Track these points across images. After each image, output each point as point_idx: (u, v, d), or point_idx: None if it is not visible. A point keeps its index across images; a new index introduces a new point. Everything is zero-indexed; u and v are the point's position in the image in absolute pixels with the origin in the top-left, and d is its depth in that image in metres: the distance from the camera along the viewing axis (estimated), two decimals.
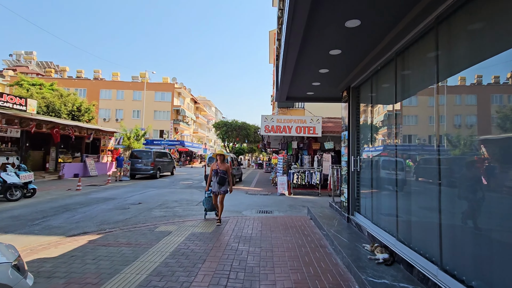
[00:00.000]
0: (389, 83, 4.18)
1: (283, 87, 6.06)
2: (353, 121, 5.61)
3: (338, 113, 14.75)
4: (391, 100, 4.03)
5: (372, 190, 4.75)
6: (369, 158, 5.08)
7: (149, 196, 10.43)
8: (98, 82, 40.54)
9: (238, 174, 16.41)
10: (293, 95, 7.13)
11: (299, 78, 5.70)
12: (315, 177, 11.79)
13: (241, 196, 11.27)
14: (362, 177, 5.36)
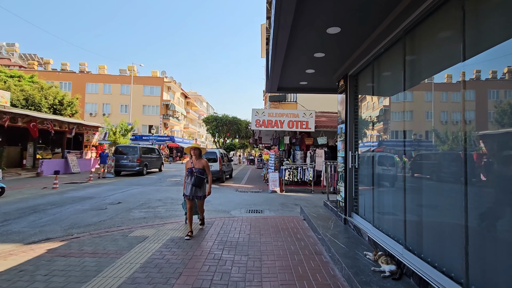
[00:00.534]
0: (394, 68, 3.64)
1: (274, 75, 5.47)
2: (350, 113, 5.07)
3: (332, 107, 14.32)
4: (398, 88, 3.49)
5: (373, 189, 4.24)
6: (369, 153, 4.56)
7: (131, 194, 9.74)
8: (83, 76, 39.04)
9: (228, 171, 15.82)
10: (285, 85, 6.55)
11: (291, 64, 5.12)
12: (308, 174, 11.30)
13: (230, 194, 10.70)
14: (361, 175, 4.85)
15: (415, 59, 3.16)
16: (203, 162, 4.96)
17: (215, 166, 13.45)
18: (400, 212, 3.35)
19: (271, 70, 5.21)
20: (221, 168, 13.47)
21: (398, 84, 3.49)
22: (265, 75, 5.78)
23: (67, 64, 40.93)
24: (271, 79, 5.74)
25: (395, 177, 3.66)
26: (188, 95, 52.21)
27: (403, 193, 3.30)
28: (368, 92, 4.67)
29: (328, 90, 6.58)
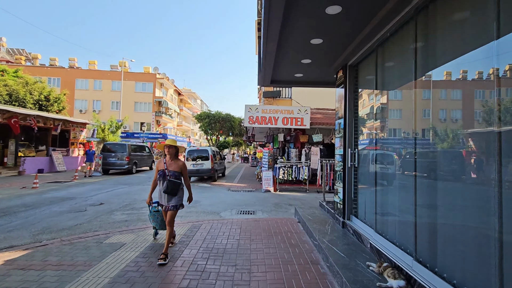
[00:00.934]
0: (403, 54, 3.21)
1: (266, 64, 5.00)
2: (350, 106, 4.64)
3: (328, 103, 13.90)
4: (408, 77, 3.06)
5: (375, 190, 3.82)
6: (371, 151, 4.14)
7: (116, 194, 9.20)
8: (73, 71, 37.95)
9: (221, 169, 15.33)
10: (279, 78, 6.08)
11: (285, 53, 4.65)
12: (303, 172, 10.89)
13: (222, 193, 10.23)
14: (361, 174, 4.43)
15: (428, 43, 2.72)
16: (180, 164, 3.85)
17: (207, 164, 12.95)
18: (409, 217, 2.93)
19: (263, 58, 4.74)
20: (213, 166, 12.98)
21: (406, 74, 3.06)
22: (257, 67, 5.31)
23: (56, 59, 39.74)
24: (263, 69, 5.26)
25: (403, 177, 3.24)
26: (182, 92, 51.35)
27: (413, 194, 2.88)
28: (369, 84, 4.24)
29: (325, 84, 6.14)
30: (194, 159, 13.04)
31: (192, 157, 13.09)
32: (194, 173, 12.92)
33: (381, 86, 3.84)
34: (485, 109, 2.10)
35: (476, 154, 2.23)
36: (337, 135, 5.03)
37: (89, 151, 15.04)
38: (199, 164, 12.93)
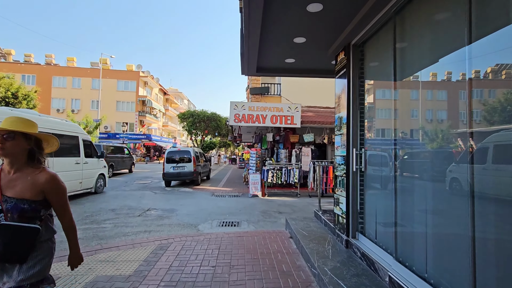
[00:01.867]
0: (432, 24, 2.29)
1: (250, 44, 4.01)
2: (354, 96, 3.72)
3: (319, 100, 13.08)
4: (438, 54, 2.14)
5: (395, 201, 2.89)
6: (386, 151, 3.22)
7: (79, 202, 7.98)
8: (50, 68, 35.81)
9: (205, 172, 14.22)
10: (266, 65, 5.11)
11: (274, 28, 3.68)
12: (294, 175, 9.96)
13: (204, 199, 9.16)
14: (371, 180, 3.51)
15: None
16: (40, 181, 1.53)
17: (189, 167, 11.84)
18: (461, 245, 2.01)
19: (246, 36, 3.75)
20: (195, 169, 11.87)
21: (439, 49, 2.14)
22: (240, 49, 4.32)
23: (31, 56, 37.41)
24: (247, 52, 4.27)
25: (440, 187, 2.32)
26: (168, 91, 49.72)
27: (468, 211, 1.95)
28: (382, 66, 3.33)
29: (321, 73, 5.21)
30: (175, 161, 11.89)
31: (173, 159, 11.94)
32: (175, 176, 11.78)
33: (401, 71, 2.91)
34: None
35: None
36: (338, 132, 4.09)
37: None
38: (180, 167, 11.80)
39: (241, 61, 4.75)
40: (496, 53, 1.79)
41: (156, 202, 8.49)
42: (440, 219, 2.29)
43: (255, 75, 5.44)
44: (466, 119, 2.01)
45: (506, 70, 1.76)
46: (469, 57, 1.95)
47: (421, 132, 2.59)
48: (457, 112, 2.20)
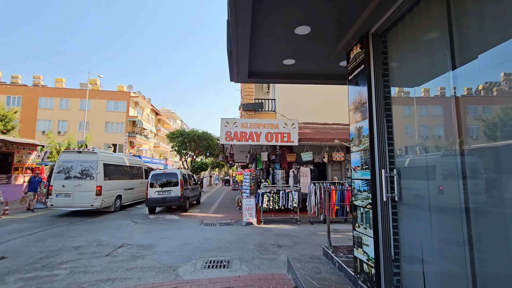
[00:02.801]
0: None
1: (240, 38, 3.11)
2: (378, 99, 2.80)
3: (318, 116, 12.18)
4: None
5: (470, 248, 1.87)
6: (430, 170, 2.25)
7: (39, 239, 6.68)
8: (36, 89, 34.81)
9: (194, 196, 12.97)
10: (260, 69, 4.22)
11: (270, 13, 2.81)
12: (292, 199, 8.87)
13: (191, 229, 7.93)
14: (410, 212, 2.50)
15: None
16: None
17: (176, 191, 10.64)
18: None
19: (233, 23, 2.85)
20: (183, 193, 10.67)
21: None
22: (227, 47, 3.43)
23: (18, 77, 36.45)
24: (236, 50, 3.37)
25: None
26: (160, 112, 48.92)
27: None
28: (418, 59, 2.44)
29: (327, 77, 4.32)
30: (160, 185, 10.70)
31: (158, 183, 10.76)
32: (159, 202, 10.53)
33: (460, 54, 2.01)
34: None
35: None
36: (355, 148, 3.13)
37: (34, 178, 12.23)
38: (165, 191, 10.59)
39: (229, 62, 3.84)
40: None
41: (134, 234, 7.25)
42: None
43: (246, 82, 4.54)
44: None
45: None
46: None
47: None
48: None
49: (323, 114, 12.05)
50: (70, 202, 10.02)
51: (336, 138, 10.47)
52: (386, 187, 2.62)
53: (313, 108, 12.08)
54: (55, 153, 17.30)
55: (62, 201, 10.07)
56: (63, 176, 10.26)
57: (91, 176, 10.25)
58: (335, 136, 10.73)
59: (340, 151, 10.86)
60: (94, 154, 10.73)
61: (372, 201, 2.74)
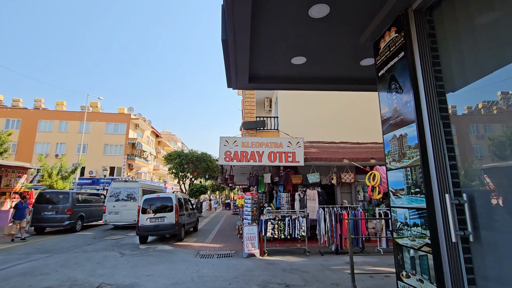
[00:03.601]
0: None
1: (237, 24, 2.41)
2: (430, 93, 2.02)
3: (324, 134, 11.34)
4: None
5: None
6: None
7: (6, 276, 5.68)
8: (36, 112, 34.67)
9: (191, 222, 11.89)
10: (263, 70, 3.50)
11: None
12: (300, 226, 7.86)
13: (185, 263, 6.89)
14: (498, 265, 1.62)
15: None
16: None
17: (170, 217, 9.64)
18: None
19: (228, 2, 2.16)
20: (177, 220, 9.66)
21: None
22: (221, 36, 2.74)
23: (19, 100, 36.55)
24: (233, 41, 2.67)
25: None
26: (160, 134, 48.55)
27: None
28: (475, 44, 1.69)
29: (345, 81, 3.57)
30: (152, 211, 9.72)
31: (150, 209, 9.79)
32: (152, 230, 9.50)
33: None
34: None
35: None
36: (393, 164, 2.30)
37: (21, 204, 11.24)
38: (158, 218, 9.59)
39: (225, 60, 3.12)
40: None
41: (117, 270, 6.22)
42: None
43: (247, 87, 3.81)
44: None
45: None
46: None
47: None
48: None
49: (330, 133, 11.31)
50: (119, 218, 12.92)
51: (345, 158, 9.63)
52: (453, 221, 1.76)
53: (318, 126, 11.37)
54: (47, 176, 16.44)
55: (113, 217, 12.95)
56: (114, 199, 13.23)
57: (134, 199, 13.32)
58: (343, 155, 9.90)
59: (350, 171, 9.97)
60: (136, 182, 14.07)
61: (432, 241, 1.86)
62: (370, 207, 10.30)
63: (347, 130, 11.42)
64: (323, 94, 11.69)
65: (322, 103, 11.62)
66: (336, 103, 11.71)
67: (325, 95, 11.68)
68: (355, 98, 11.61)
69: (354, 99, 11.62)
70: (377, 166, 9.11)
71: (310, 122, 11.37)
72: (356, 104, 11.66)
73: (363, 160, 9.60)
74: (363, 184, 10.39)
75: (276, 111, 12.62)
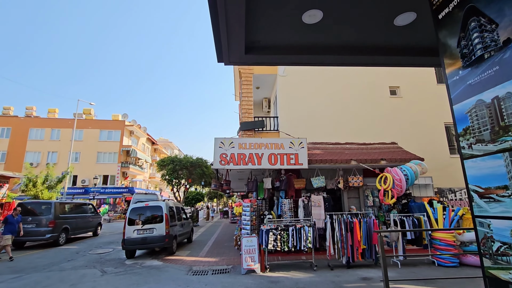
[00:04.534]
0: None
1: None
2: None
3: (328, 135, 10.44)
4: None
5: None
6: None
7: None
8: (27, 120, 33.64)
9: (184, 233, 10.88)
10: (264, 34, 2.65)
11: None
12: (306, 237, 6.92)
13: (174, 282, 5.93)
14: None
15: None
16: None
17: (159, 229, 8.64)
18: None
19: None
20: (168, 231, 8.67)
21: None
22: (209, 4, 1.91)
23: (10, 108, 35.45)
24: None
25: None
26: (156, 141, 47.55)
27: None
28: None
29: (375, 50, 2.70)
30: (140, 222, 8.74)
31: (138, 219, 8.81)
32: (139, 244, 8.49)
33: None
34: None
35: None
36: (477, 147, 1.43)
37: (12, 217, 9.83)
38: (147, 230, 8.60)
39: (212, 21, 2.27)
40: None
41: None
42: None
43: (243, 62, 2.95)
44: None
45: None
46: None
47: None
48: None
49: (334, 133, 10.46)
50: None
51: (353, 159, 8.77)
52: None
53: (321, 125, 10.53)
54: (31, 186, 15.39)
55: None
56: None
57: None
58: (350, 156, 9.04)
59: (358, 174, 9.10)
60: (155, 195, 15.50)
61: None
62: (380, 213, 9.40)
63: (352, 130, 10.59)
64: (326, 91, 10.91)
65: (325, 101, 10.81)
66: (340, 100, 10.91)
67: (329, 92, 10.90)
68: (360, 94, 10.84)
69: (360, 95, 10.84)
70: (388, 168, 8.25)
71: (312, 121, 10.54)
72: (362, 101, 10.87)
73: (373, 162, 8.74)
74: (372, 188, 9.52)
75: (275, 111, 11.80)
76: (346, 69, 11.04)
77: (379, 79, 11.04)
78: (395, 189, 7.82)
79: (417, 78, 11.11)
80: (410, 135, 10.62)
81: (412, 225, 7.30)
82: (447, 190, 10.31)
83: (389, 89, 11.01)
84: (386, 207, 9.44)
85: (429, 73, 11.22)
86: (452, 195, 10.28)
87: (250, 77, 10.70)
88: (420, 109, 10.84)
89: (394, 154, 9.35)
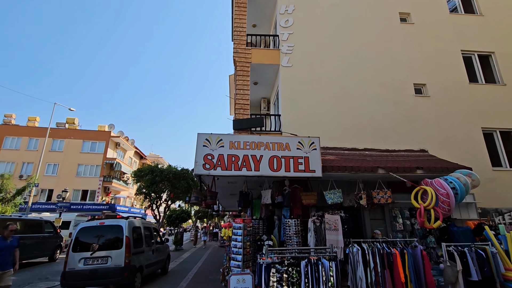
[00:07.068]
0: None
1: None
2: None
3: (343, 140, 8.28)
4: None
5: None
6: None
7: None
8: (4, 127, 31.03)
9: (156, 263, 8.33)
10: None
11: None
12: (327, 277, 4.63)
13: None
14: None
15: None
16: None
17: (116, 257, 6.21)
18: None
19: None
20: (128, 261, 6.24)
21: None
22: None
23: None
24: None
25: None
26: (145, 156, 44.90)
27: None
28: None
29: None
30: (91, 248, 6.31)
31: (88, 244, 6.39)
32: (86, 279, 6.03)
33: None
34: None
35: None
36: None
37: (3, 240, 6.42)
38: (99, 259, 6.18)
39: None
40: None
41: None
42: None
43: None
44: None
45: None
46: None
47: None
48: None
49: (349, 137, 8.42)
50: None
51: (379, 167, 6.67)
52: None
53: (333, 128, 8.49)
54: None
55: None
56: None
57: None
58: (375, 163, 6.95)
59: (384, 188, 6.97)
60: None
61: None
62: None
63: (371, 134, 8.57)
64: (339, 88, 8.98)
65: (338, 99, 8.88)
66: (356, 99, 8.97)
67: (342, 89, 8.97)
68: (380, 93, 8.94)
69: (380, 95, 8.93)
70: (427, 180, 6.18)
71: (322, 122, 8.52)
72: (383, 101, 8.95)
73: (406, 171, 6.63)
74: (403, 206, 7.36)
75: (276, 109, 9.80)
76: (364, 63, 9.23)
77: (402, 76, 9.22)
78: (440, 208, 5.70)
79: (445, 76, 9.34)
80: (440, 142, 8.66)
81: (477, 259, 5.08)
82: (493, 211, 8.18)
83: (414, 86, 9.15)
84: (421, 233, 7.24)
85: (459, 70, 9.48)
86: (499, 218, 8.14)
87: (247, 66, 8.77)
88: (451, 111, 8.96)
89: (430, 162, 7.30)
